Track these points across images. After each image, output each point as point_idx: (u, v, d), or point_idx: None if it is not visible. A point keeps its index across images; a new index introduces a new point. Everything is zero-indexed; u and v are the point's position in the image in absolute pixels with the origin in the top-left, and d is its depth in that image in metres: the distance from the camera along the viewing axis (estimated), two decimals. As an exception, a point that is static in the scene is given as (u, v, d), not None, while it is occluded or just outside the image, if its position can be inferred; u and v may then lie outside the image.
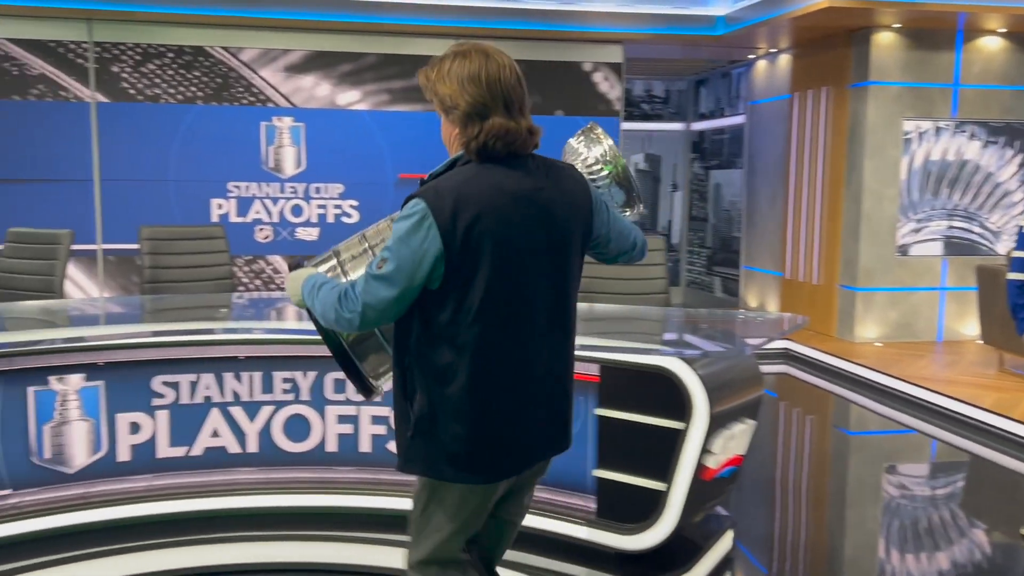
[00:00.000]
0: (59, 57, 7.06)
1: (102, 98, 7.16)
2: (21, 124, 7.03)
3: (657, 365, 3.16)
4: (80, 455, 3.44)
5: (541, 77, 7.85)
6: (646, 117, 10.84)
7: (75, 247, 7.16)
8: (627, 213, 2.23)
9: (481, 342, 1.86)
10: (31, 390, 3.34)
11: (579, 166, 2.19)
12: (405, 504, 3.50)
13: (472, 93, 1.86)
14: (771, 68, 9.00)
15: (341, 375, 3.59)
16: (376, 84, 7.60)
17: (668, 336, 3.98)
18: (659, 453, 3.16)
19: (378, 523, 3.52)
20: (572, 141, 2.27)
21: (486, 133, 1.85)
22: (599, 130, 2.26)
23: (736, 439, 3.28)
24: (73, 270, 7.19)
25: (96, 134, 7.17)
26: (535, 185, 1.90)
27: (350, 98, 7.58)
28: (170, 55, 7.26)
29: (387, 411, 3.62)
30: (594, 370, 3.30)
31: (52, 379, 3.37)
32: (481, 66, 1.88)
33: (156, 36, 7.22)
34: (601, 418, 3.29)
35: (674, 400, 3.12)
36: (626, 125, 8.75)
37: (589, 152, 2.21)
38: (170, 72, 7.29)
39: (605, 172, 2.18)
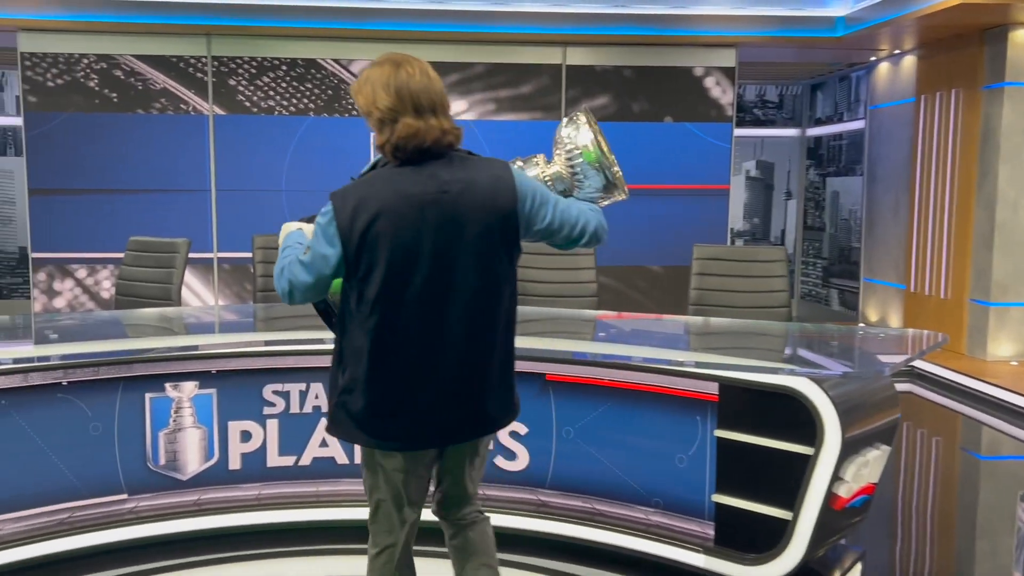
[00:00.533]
0: (180, 72, 7.31)
1: (219, 111, 7.37)
2: (144, 137, 7.31)
3: (783, 385, 2.95)
4: (193, 462, 3.47)
5: (650, 83, 7.68)
6: (758, 123, 10.48)
7: (192, 255, 7.42)
8: (611, 199, 2.36)
9: (379, 331, 2.07)
10: (148, 396, 3.39)
11: (561, 153, 2.32)
12: (507, 522, 3.45)
13: (383, 100, 2.04)
14: (894, 70, 8.55)
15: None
16: (483, 93, 7.57)
17: (792, 353, 3.75)
18: (785, 479, 2.95)
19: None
20: (559, 128, 2.37)
21: (396, 135, 2.04)
22: (582, 118, 2.34)
23: (870, 466, 3.03)
24: (190, 278, 7.42)
25: (213, 146, 7.38)
26: (439, 187, 2.05)
27: (457, 108, 7.57)
28: (284, 68, 7.42)
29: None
30: (712, 389, 3.13)
31: (168, 386, 3.41)
32: (391, 74, 2.06)
33: (270, 50, 7.39)
34: (720, 440, 3.11)
35: (802, 423, 2.91)
36: (738, 131, 8.47)
37: (571, 140, 2.32)
38: (283, 84, 7.45)
39: (580, 160, 2.29)
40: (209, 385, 3.47)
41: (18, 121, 7.33)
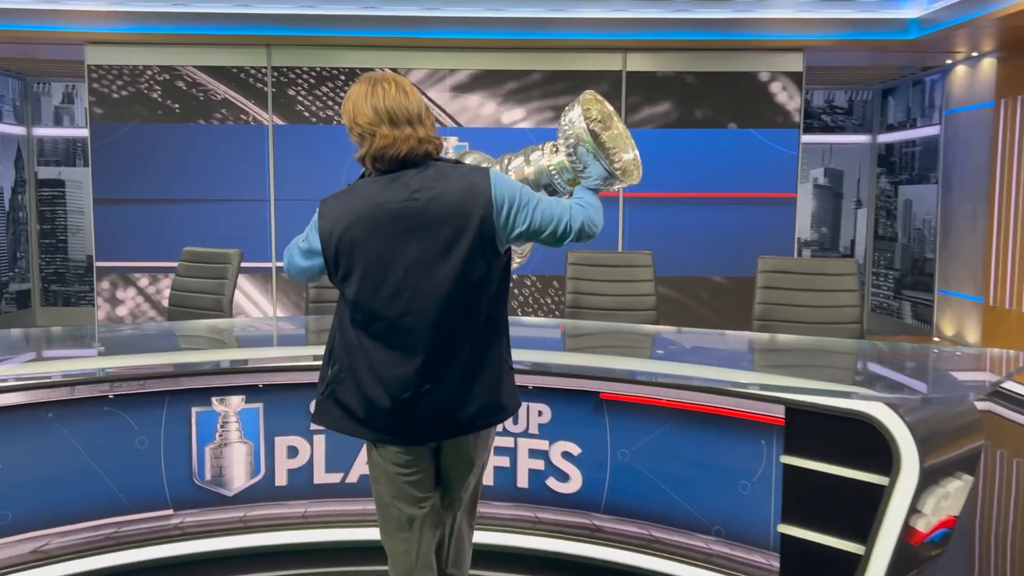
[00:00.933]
0: (240, 82, 7.35)
1: (278, 121, 7.40)
2: (205, 147, 7.37)
3: (855, 409, 2.74)
4: (239, 478, 3.41)
5: (713, 88, 7.46)
6: (826, 129, 10.15)
7: (251, 265, 7.45)
8: (621, 183, 2.41)
9: (362, 330, 2.21)
10: (195, 410, 3.33)
11: (561, 141, 2.37)
12: (559, 547, 3.31)
13: (362, 115, 2.20)
14: (971, 73, 8.16)
15: (499, 405, 3.41)
16: (540, 101, 7.45)
17: (865, 374, 3.52)
18: (857, 511, 2.74)
19: (535, 564, 3.29)
20: (564, 113, 2.40)
21: (374, 147, 2.19)
22: (578, 106, 2.36)
23: (950, 498, 2.80)
24: (249, 287, 7.45)
25: (272, 156, 7.41)
26: (409, 195, 2.16)
27: (514, 116, 7.46)
28: (342, 77, 7.41)
29: (545, 444, 3.39)
30: (778, 412, 2.93)
31: (214, 400, 3.35)
32: (368, 92, 2.20)
33: (329, 59, 7.39)
34: (787, 467, 2.91)
35: (876, 451, 2.70)
36: (805, 138, 8.19)
37: (570, 127, 2.35)
38: (342, 94, 7.42)
39: (579, 148, 2.32)
40: (256, 399, 3.40)
41: (87, 132, 7.46)
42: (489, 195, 2.18)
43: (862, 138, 10.13)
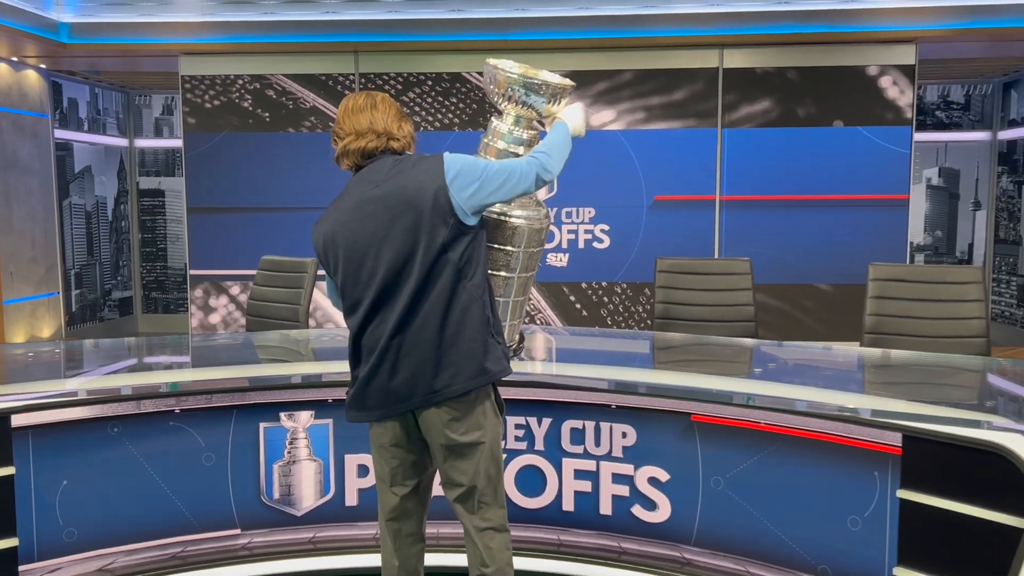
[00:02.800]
0: (328, 89, 7.33)
1: (365, 127, 7.32)
2: (294, 155, 7.37)
3: (986, 440, 2.39)
4: (308, 497, 3.26)
5: (817, 84, 7.02)
6: (941, 126, 9.49)
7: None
8: (554, 111, 2.66)
9: (351, 316, 2.47)
10: (263, 426, 3.21)
11: (500, 103, 2.66)
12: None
13: (337, 125, 2.53)
14: (1108, 61, 7.46)
15: (579, 424, 3.18)
16: (631, 102, 7.16)
17: (995, 397, 3.13)
18: (987, 556, 2.38)
19: (619, 602, 3.03)
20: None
21: (339, 151, 2.51)
22: (488, 68, 2.68)
23: (1103, 546, 2.41)
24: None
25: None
26: (372, 183, 2.43)
27: (604, 118, 7.20)
28: (429, 83, 7.30)
29: (630, 469, 3.13)
30: (894, 440, 2.59)
31: (283, 415, 3.22)
32: (343, 106, 2.53)
33: (416, 65, 7.29)
34: (904, 502, 2.57)
35: (1010, 488, 2.34)
36: (918, 135, 7.64)
37: (492, 83, 2.67)
38: (428, 100, 7.33)
39: (514, 92, 2.61)
40: (325, 415, 3.25)
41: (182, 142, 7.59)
42: (440, 169, 2.38)
43: (981, 135, 9.44)
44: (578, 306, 7.31)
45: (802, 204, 7.13)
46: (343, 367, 3.46)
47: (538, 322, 7.27)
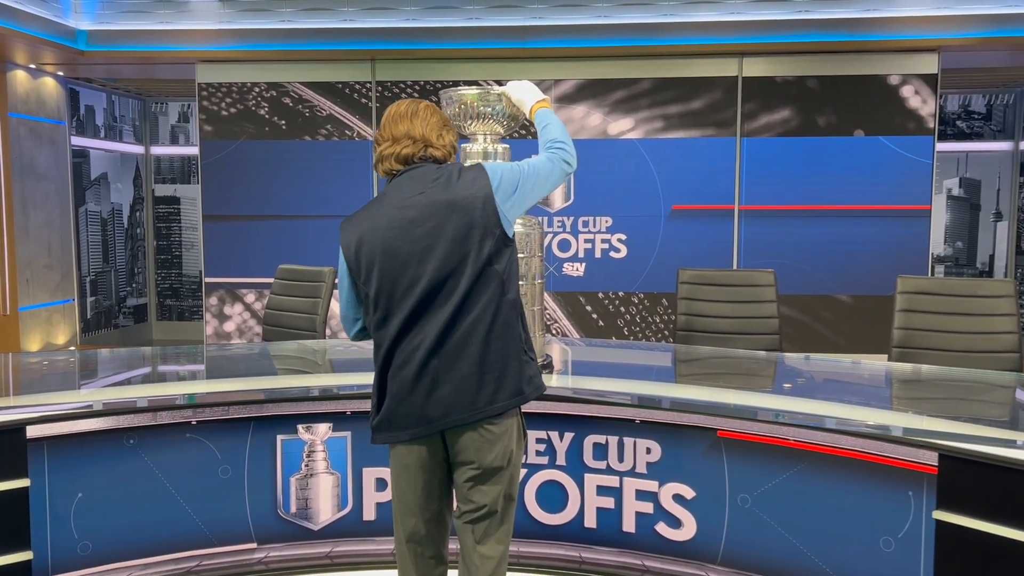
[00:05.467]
0: (345, 97, 7.31)
1: (382, 135, 7.29)
2: (310, 163, 7.35)
3: (1028, 461, 2.31)
4: (326, 511, 3.21)
5: (838, 93, 6.94)
6: (962, 136, 9.39)
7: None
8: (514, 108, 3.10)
9: (382, 330, 2.33)
10: (280, 438, 3.16)
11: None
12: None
13: (378, 131, 2.48)
14: None
15: (602, 439, 3.11)
16: (649, 111, 7.10)
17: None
18: (1030, 582, 2.30)
19: (643, 622, 2.95)
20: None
21: (376, 156, 2.46)
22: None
23: None
24: (351, 303, 7.37)
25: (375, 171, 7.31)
26: (416, 191, 2.34)
27: (622, 127, 7.14)
28: (446, 91, 7.25)
29: (654, 485, 3.05)
30: (929, 459, 2.51)
31: (300, 428, 3.17)
32: (386, 112, 2.49)
33: (432, 73, 7.26)
34: (940, 524, 2.49)
35: (1055, 512, 2.26)
36: (939, 146, 7.54)
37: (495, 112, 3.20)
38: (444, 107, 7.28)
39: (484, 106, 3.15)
40: (343, 428, 3.20)
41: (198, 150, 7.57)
42: (486, 179, 2.34)
43: (1003, 145, 9.33)
44: (594, 316, 7.25)
45: (822, 214, 7.05)
46: (362, 379, 3.42)
47: (554, 332, 7.20)
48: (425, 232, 2.27)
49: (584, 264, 7.23)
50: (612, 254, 7.20)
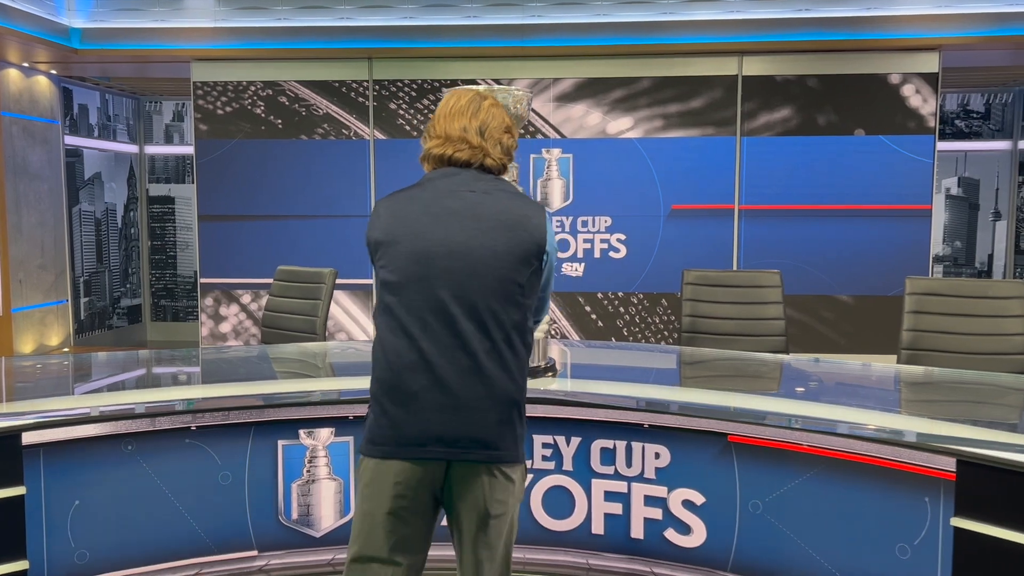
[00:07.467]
0: (342, 96, 7.24)
1: (379, 135, 7.24)
2: (307, 162, 7.28)
3: (1050, 467, 2.26)
4: (327, 517, 3.15)
5: (838, 92, 6.90)
6: (961, 135, 9.37)
7: (352, 281, 7.31)
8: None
9: (387, 315, 2.07)
10: (281, 444, 3.10)
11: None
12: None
13: (430, 123, 2.25)
14: None
15: (610, 444, 3.06)
16: (649, 110, 7.05)
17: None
18: (1051, 591, 2.26)
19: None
20: None
21: (424, 153, 2.26)
22: None
23: None
24: (350, 305, 7.31)
25: (373, 171, 7.25)
26: (466, 187, 2.12)
27: (621, 126, 7.09)
28: (443, 90, 7.17)
29: (663, 491, 3.00)
30: (947, 465, 2.47)
31: (302, 433, 3.11)
32: (444, 103, 2.23)
33: (430, 71, 7.19)
34: (959, 531, 2.44)
35: (1078, 519, 2.21)
36: (940, 145, 7.51)
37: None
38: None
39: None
40: (346, 433, 3.14)
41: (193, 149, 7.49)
42: (544, 229, 2.12)
43: (1001, 144, 9.31)
44: (593, 316, 7.19)
45: (822, 214, 7.01)
46: (364, 383, 3.36)
47: (553, 333, 7.15)
48: (464, 228, 2.04)
49: (583, 264, 7.17)
50: (611, 254, 7.14)
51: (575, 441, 3.10)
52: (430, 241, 2.04)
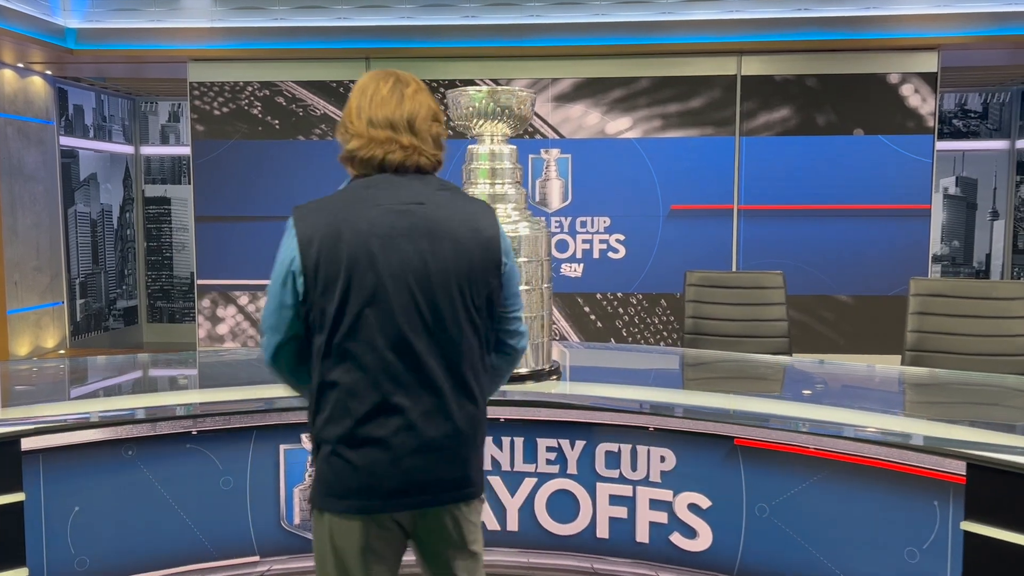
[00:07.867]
0: (339, 97, 7.20)
1: (377, 135, 7.20)
2: (304, 163, 7.24)
3: (1061, 471, 2.25)
4: (330, 522, 3.11)
5: (837, 92, 6.89)
6: (958, 135, 9.37)
7: (349, 282, 7.28)
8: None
9: (337, 353, 1.82)
10: (282, 448, 3.07)
11: None
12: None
13: (347, 113, 2.00)
14: None
15: (614, 447, 3.03)
16: (648, 110, 7.03)
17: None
18: (1063, 596, 2.24)
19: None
20: None
21: (346, 153, 2.01)
22: None
23: None
24: (346, 305, 7.28)
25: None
26: (411, 200, 1.88)
27: (620, 126, 7.07)
28: (441, 90, 7.17)
29: (668, 495, 2.98)
30: (956, 468, 2.45)
31: (304, 437, 3.08)
32: (357, 91, 1.99)
33: (428, 71, 7.16)
34: (969, 535, 2.42)
35: (1090, 523, 2.20)
36: (939, 144, 7.50)
37: None
38: (441, 107, 7.19)
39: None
40: (348, 437, 3.10)
41: (189, 150, 7.45)
42: (498, 240, 1.90)
43: (999, 144, 9.32)
44: (592, 317, 7.17)
45: (821, 214, 7.00)
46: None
47: (552, 333, 7.13)
48: (417, 250, 1.81)
49: (582, 265, 7.15)
50: (610, 255, 7.12)
51: (579, 444, 3.08)
52: (386, 269, 1.79)
